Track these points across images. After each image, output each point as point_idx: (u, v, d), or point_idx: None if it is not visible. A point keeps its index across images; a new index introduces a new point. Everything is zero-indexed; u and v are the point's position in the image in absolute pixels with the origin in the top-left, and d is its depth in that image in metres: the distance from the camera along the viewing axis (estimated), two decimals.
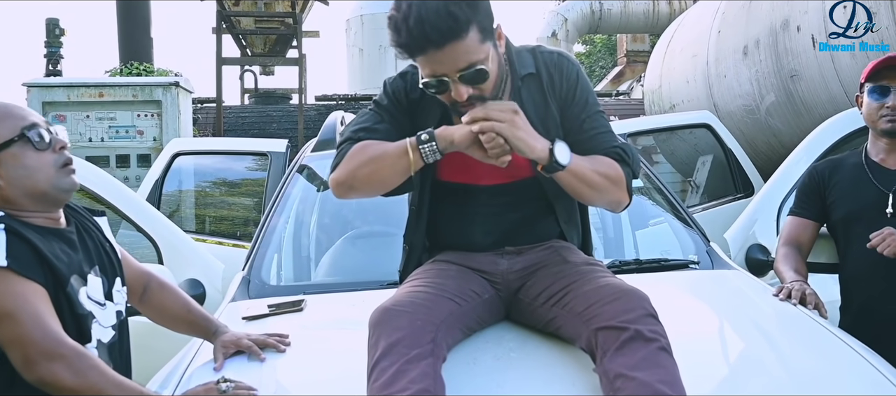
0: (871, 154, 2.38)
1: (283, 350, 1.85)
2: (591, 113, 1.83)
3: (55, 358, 1.44)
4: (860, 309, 2.33)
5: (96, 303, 1.66)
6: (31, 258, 1.54)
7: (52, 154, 1.65)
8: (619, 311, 1.56)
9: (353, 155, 1.76)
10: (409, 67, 1.87)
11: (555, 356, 1.70)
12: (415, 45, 1.59)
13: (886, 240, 2.14)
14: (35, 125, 1.64)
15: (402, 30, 1.59)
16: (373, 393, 1.47)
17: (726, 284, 2.35)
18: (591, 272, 1.75)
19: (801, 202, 2.49)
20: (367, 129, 1.81)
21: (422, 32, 1.56)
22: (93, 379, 1.46)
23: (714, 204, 4.75)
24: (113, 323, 1.71)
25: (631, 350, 1.48)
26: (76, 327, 1.59)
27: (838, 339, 1.86)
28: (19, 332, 1.46)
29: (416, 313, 1.61)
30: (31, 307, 1.48)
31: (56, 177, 1.64)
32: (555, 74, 1.83)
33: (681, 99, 7.16)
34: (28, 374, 1.44)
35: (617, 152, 1.80)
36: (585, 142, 1.80)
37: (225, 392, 1.61)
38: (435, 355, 1.53)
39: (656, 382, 1.41)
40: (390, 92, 1.87)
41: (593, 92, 1.89)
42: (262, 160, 4.69)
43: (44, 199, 1.64)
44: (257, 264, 2.55)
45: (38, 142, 1.63)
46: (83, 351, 1.49)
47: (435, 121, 1.79)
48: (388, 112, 1.85)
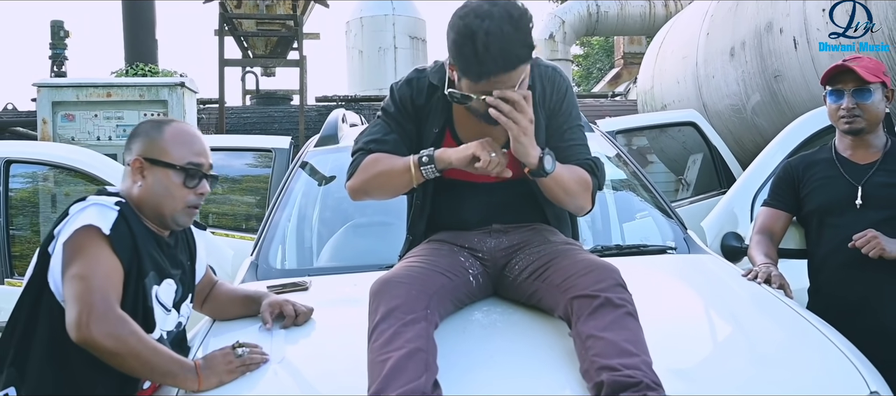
0: (839, 149, 2.54)
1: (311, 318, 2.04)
2: (572, 124, 2.05)
3: (102, 323, 1.63)
4: (828, 293, 2.49)
5: (162, 306, 1.87)
6: (127, 241, 1.77)
7: (191, 194, 1.89)
8: (591, 282, 1.75)
9: (366, 167, 1.99)
10: (414, 74, 2.07)
11: (536, 324, 1.89)
12: (493, 68, 1.76)
13: (871, 243, 2.28)
14: (199, 166, 1.89)
15: (484, 57, 1.74)
16: (373, 352, 1.66)
17: (699, 266, 2.53)
18: (569, 250, 1.94)
19: (776, 194, 2.64)
20: (378, 141, 2.02)
21: (504, 59, 1.75)
22: (132, 344, 1.66)
23: (699, 197, 4.93)
24: (170, 329, 1.92)
25: (601, 314, 1.67)
26: (144, 315, 1.80)
27: (798, 315, 2.02)
28: (83, 291, 1.65)
29: (412, 284, 1.80)
30: (103, 276, 1.69)
31: (179, 212, 1.89)
32: (548, 87, 2.03)
33: (672, 99, 7.33)
34: (76, 333, 1.63)
35: (588, 164, 2.03)
36: (564, 150, 2.01)
37: (241, 355, 1.79)
38: (428, 320, 1.72)
39: (622, 341, 1.60)
40: (398, 99, 2.05)
41: (578, 106, 2.11)
42: (266, 157, 4.88)
43: (160, 220, 1.89)
44: (264, 250, 2.73)
45: (188, 180, 1.88)
46: (126, 319, 1.69)
47: (439, 126, 2.01)
48: (396, 120, 2.05)
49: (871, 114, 2.42)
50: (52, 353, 1.75)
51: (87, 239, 1.72)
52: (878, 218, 2.37)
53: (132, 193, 1.88)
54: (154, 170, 1.87)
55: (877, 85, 2.40)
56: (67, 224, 1.76)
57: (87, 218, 1.75)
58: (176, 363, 1.73)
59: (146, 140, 1.90)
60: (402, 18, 15.21)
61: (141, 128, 1.96)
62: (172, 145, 1.89)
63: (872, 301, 2.38)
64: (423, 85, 2.03)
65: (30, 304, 1.79)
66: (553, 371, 1.68)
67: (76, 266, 1.68)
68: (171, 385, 1.75)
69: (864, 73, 2.37)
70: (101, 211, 1.78)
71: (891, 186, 2.40)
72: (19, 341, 1.79)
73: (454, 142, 2.02)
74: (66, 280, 1.69)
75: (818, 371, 1.76)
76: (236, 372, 1.76)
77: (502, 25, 1.73)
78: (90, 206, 1.80)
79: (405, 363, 1.58)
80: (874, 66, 2.44)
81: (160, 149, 1.88)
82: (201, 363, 1.76)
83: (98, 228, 1.74)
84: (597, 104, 12.60)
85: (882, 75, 2.43)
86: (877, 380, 1.75)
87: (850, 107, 2.41)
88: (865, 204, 2.41)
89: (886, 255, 2.28)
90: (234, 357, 1.78)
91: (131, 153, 1.91)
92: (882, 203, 2.40)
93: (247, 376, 1.77)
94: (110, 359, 1.66)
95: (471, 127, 2.00)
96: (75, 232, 1.73)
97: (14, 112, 10.49)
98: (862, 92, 2.39)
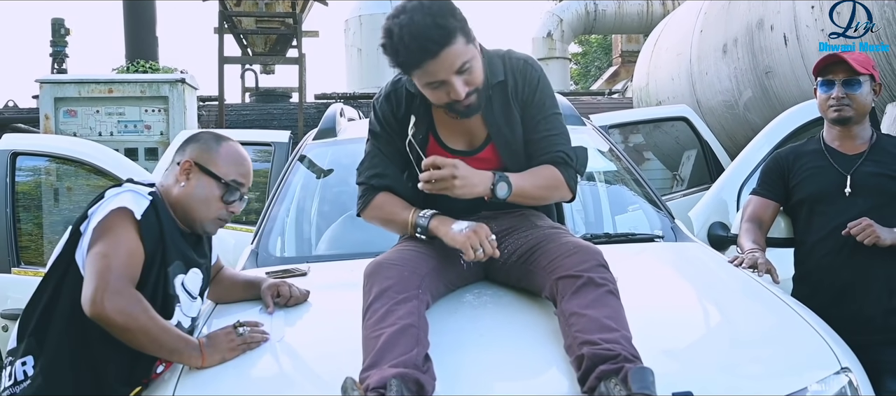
0: (827, 140, 2.60)
1: (308, 301, 2.14)
2: (547, 114, 2.12)
3: (116, 299, 1.73)
4: (817, 279, 2.54)
5: (188, 293, 1.99)
6: (155, 230, 1.88)
7: (224, 208, 2.01)
8: (575, 263, 1.83)
9: (373, 209, 2.15)
10: (390, 87, 2.16)
11: (524, 304, 1.98)
12: (413, 59, 1.87)
13: (866, 231, 2.34)
14: (241, 185, 2.02)
15: (399, 49, 1.87)
16: (367, 329, 1.74)
17: (685, 253, 2.61)
18: (554, 233, 2.03)
19: (765, 183, 2.71)
20: (380, 175, 2.14)
21: (418, 46, 1.84)
22: (142, 321, 1.75)
23: (690, 191, 5.01)
24: (195, 315, 2.03)
25: (584, 293, 1.75)
26: (163, 302, 1.90)
27: (776, 297, 2.10)
28: (103, 269, 1.75)
29: (405, 266, 1.89)
30: (124, 256, 1.79)
31: (209, 221, 2.02)
32: (519, 79, 2.10)
33: (666, 95, 7.41)
34: (90, 307, 1.72)
35: (561, 156, 2.09)
36: (538, 142, 2.10)
37: (242, 334, 1.88)
38: (420, 299, 1.81)
39: (603, 318, 1.69)
40: (381, 117, 2.15)
41: (553, 96, 2.17)
42: (265, 151, 4.96)
43: (188, 222, 2.00)
44: (264, 239, 2.81)
45: (226, 195, 2.00)
46: (139, 297, 1.78)
47: (422, 132, 2.11)
48: (385, 141, 2.15)
49: (859, 105, 2.48)
50: (71, 327, 1.84)
51: (118, 221, 1.83)
52: (866, 206, 2.45)
53: (171, 190, 1.99)
54: (200, 176, 1.99)
55: (866, 76, 2.47)
56: (102, 205, 1.87)
57: (121, 201, 1.86)
58: (182, 340, 1.82)
59: (203, 147, 2.02)
60: None
61: (202, 136, 2.09)
62: (224, 160, 2.01)
63: (858, 286, 2.45)
64: (401, 95, 2.13)
65: (56, 278, 1.89)
66: (539, 348, 1.77)
67: (101, 244, 1.79)
68: (177, 361, 1.84)
69: (854, 64, 2.44)
70: (135, 197, 1.89)
71: (879, 175, 2.47)
72: (42, 313, 1.88)
73: (437, 145, 2.12)
74: (90, 256, 1.79)
75: (792, 349, 1.84)
76: (238, 350, 1.85)
77: (414, 16, 1.84)
78: (125, 192, 1.91)
79: (397, 338, 1.66)
80: (864, 59, 2.50)
81: (213, 160, 2.01)
82: (205, 341, 1.84)
83: (131, 211, 1.85)
84: (593, 101, 12.67)
85: (871, 68, 2.49)
86: (848, 357, 1.83)
87: (840, 96, 2.47)
88: (854, 192, 2.48)
89: (881, 243, 2.35)
90: (236, 336, 1.87)
91: (184, 155, 2.03)
92: (870, 191, 2.47)
93: (248, 353, 1.86)
94: (121, 334, 1.74)
95: (452, 127, 2.11)
96: (109, 214, 1.83)
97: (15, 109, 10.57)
98: (852, 82, 2.46)
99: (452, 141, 2.13)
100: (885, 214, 2.43)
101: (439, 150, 2.10)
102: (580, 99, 13.94)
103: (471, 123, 2.09)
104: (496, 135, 2.10)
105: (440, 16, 1.85)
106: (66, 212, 4.17)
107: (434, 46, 1.84)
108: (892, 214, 2.44)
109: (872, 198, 2.46)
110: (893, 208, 2.45)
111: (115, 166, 3.50)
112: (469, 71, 1.92)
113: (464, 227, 1.93)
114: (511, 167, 2.09)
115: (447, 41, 1.85)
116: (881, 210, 2.44)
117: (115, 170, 3.40)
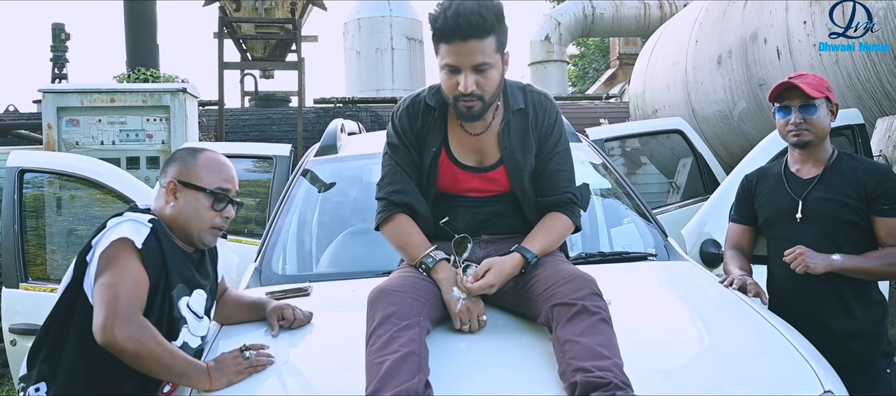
0: (789, 163, 2.65)
1: (310, 322, 2.20)
2: (559, 150, 2.24)
3: (125, 327, 1.79)
4: (781, 298, 2.56)
5: (194, 314, 2.05)
6: (157, 256, 1.93)
7: (217, 216, 2.07)
8: (570, 291, 1.91)
9: (391, 228, 2.22)
10: (410, 101, 2.25)
11: (520, 330, 2.06)
12: (447, 31, 1.98)
13: (798, 260, 2.38)
14: (227, 191, 2.08)
15: (440, 18, 1.99)
16: (370, 355, 1.82)
17: (676, 273, 2.68)
18: (550, 261, 2.11)
19: (738, 208, 2.77)
20: (400, 192, 2.22)
21: (455, 23, 1.96)
22: (151, 347, 1.82)
23: (684, 203, 5.07)
24: (203, 334, 2.10)
25: (578, 320, 1.83)
26: (169, 325, 1.97)
27: (763, 319, 2.16)
28: (111, 298, 1.81)
29: (407, 292, 1.97)
30: (131, 285, 1.85)
31: (205, 232, 2.07)
32: (540, 113, 2.22)
33: (662, 104, 7.48)
34: (101, 335, 1.79)
35: (567, 197, 2.22)
36: (548, 175, 2.22)
37: (248, 358, 1.94)
38: (421, 326, 1.88)
39: (596, 345, 1.76)
40: (400, 130, 2.24)
41: (566, 133, 2.31)
42: (265, 163, 5.02)
43: (187, 239, 2.06)
44: (267, 257, 2.87)
45: (216, 203, 2.06)
46: (147, 324, 1.85)
47: (436, 145, 2.20)
48: (402, 155, 2.23)
49: (817, 128, 2.52)
50: (82, 354, 1.91)
51: (120, 251, 1.89)
52: (816, 232, 2.48)
53: (164, 212, 2.05)
54: (186, 193, 2.04)
55: (821, 100, 2.50)
56: (104, 236, 1.93)
57: (122, 231, 1.92)
58: (190, 365, 1.89)
59: (181, 165, 2.08)
60: (399, 19, 15.33)
61: (177, 155, 2.14)
62: (205, 171, 2.06)
63: (819, 309, 2.48)
64: (419, 109, 2.22)
65: (66, 307, 1.96)
66: (534, 373, 1.84)
67: (107, 274, 1.85)
68: (186, 385, 1.91)
69: (808, 90, 2.47)
70: (135, 226, 1.95)
71: (827, 201, 2.49)
72: (54, 340, 1.95)
73: (449, 160, 2.21)
74: (97, 286, 1.85)
75: (777, 371, 1.91)
76: (245, 373, 1.91)
77: (467, 2, 1.97)
78: (126, 221, 1.97)
79: (400, 365, 1.74)
80: (818, 83, 2.53)
81: (193, 173, 2.06)
82: (212, 365, 1.91)
83: (131, 241, 1.91)
84: (591, 106, 12.74)
85: (826, 91, 2.53)
86: (831, 379, 1.90)
87: (798, 121, 2.52)
88: (805, 217, 2.51)
89: (811, 271, 2.37)
90: (243, 359, 1.93)
91: (167, 176, 2.08)
92: (820, 217, 2.49)
93: (254, 377, 1.92)
94: (131, 361, 1.81)
95: (465, 144, 2.20)
96: (111, 244, 1.90)
97: (16, 114, 10.63)
98: (808, 107, 2.50)
99: (464, 157, 2.22)
100: (837, 239, 2.46)
101: (451, 166, 2.21)
102: (578, 103, 14.02)
103: (484, 142, 2.19)
104: (509, 158, 2.20)
105: (486, 9, 1.97)
106: (68, 223, 4.22)
107: (468, 30, 1.96)
108: (843, 239, 2.46)
109: (822, 224, 2.49)
110: (844, 233, 2.47)
111: (122, 185, 3.55)
112: (485, 74, 2.01)
113: (462, 298, 2.03)
114: (516, 190, 2.21)
115: (480, 33, 1.97)
116: (831, 235, 2.47)
117: (121, 188, 3.46)
